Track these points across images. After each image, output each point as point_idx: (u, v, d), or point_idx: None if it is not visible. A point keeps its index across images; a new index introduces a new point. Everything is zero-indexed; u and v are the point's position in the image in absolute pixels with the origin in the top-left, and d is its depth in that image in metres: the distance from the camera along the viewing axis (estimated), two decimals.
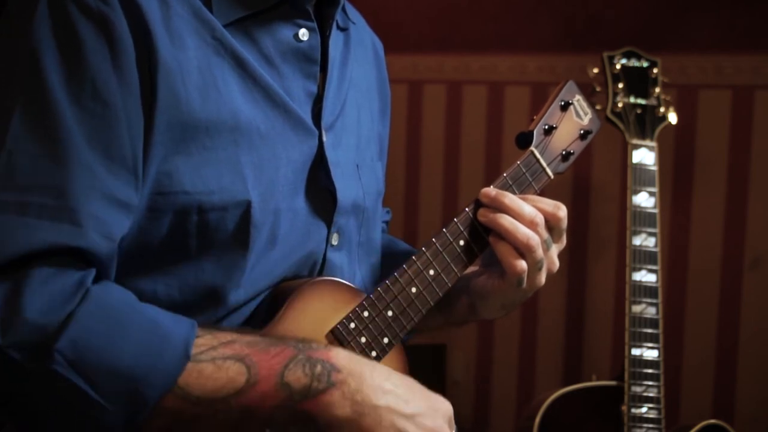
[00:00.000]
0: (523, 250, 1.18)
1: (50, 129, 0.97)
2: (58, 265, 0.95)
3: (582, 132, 1.32)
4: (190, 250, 1.06)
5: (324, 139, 1.17)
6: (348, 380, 1.00)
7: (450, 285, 1.19)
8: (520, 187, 1.24)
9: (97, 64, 0.98)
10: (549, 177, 1.27)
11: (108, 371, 0.93)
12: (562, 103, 1.30)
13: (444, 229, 1.19)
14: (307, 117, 1.16)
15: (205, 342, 0.98)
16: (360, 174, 1.25)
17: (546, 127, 1.28)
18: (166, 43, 1.03)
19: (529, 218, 1.18)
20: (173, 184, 1.03)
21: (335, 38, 1.23)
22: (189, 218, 1.05)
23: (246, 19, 1.11)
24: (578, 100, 1.32)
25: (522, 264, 1.18)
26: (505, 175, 1.23)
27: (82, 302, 0.94)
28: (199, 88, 1.05)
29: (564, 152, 1.29)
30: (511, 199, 1.19)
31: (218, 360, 0.97)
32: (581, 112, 1.32)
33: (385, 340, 1.14)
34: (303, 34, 1.16)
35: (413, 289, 1.16)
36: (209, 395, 0.96)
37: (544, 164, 1.27)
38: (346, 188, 1.19)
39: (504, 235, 1.18)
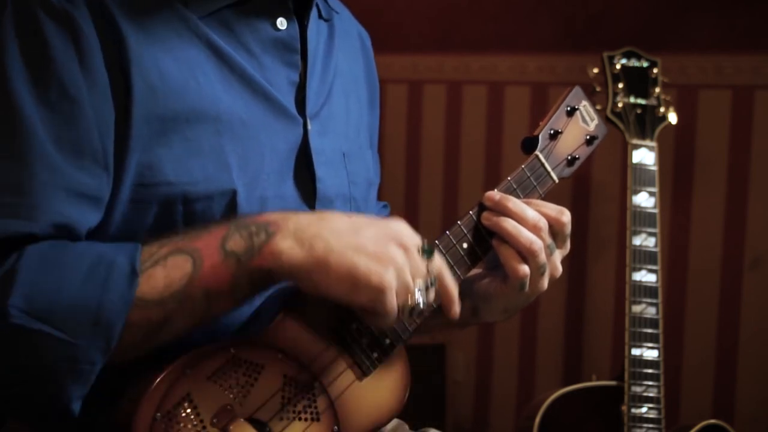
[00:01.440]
0: (526, 255, 1.18)
1: (12, 128, 0.98)
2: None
3: (588, 138, 1.32)
4: None
5: (309, 127, 1.17)
6: (283, 226, 1.02)
7: None
8: (525, 191, 1.24)
9: (64, 63, 1.00)
10: (554, 182, 1.27)
11: (66, 308, 0.95)
12: (568, 109, 1.30)
13: (447, 232, 1.19)
14: (291, 105, 1.17)
15: (148, 251, 1.00)
16: (346, 162, 1.25)
17: (551, 131, 1.28)
18: (139, 38, 1.04)
19: (533, 223, 1.18)
20: (155, 175, 1.05)
21: (318, 28, 1.24)
22: (175, 208, 1.06)
23: (223, 11, 1.12)
24: (585, 106, 1.32)
25: (525, 268, 1.18)
26: (509, 178, 1.23)
27: (20, 258, 0.96)
28: (177, 80, 1.06)
29: (569, 157, 1.29)
30: (514, 203, 1.19)
31: (161, 260, 0.99)
32: (587, 118, 1.32)
33: (387, 341, 1.14)
34: (281, 22, 1.17)
35: None
36: (167, 293, 0.98)
37: (549, 169, 1.27)
38: (329, 177, 1.20)
39: (507, 239, 1.18)
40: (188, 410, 1.01)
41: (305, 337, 1.09)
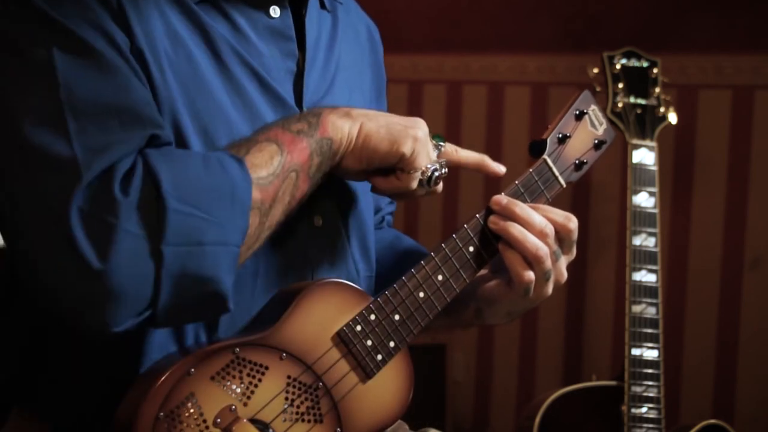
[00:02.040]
0: (531, 260, 1.18)
1: (92, 58, 1.00)
2: None
3: (596, 142, 1.31)
4: None
5: None
6: (321, 110, 1.12)
7: (458, 291, 1.18)
8: (532, 196, 1.23)
9: (104, 19, 1.01)
10: (561, 186, 1.26)
11: (204, 192, 0.99)
12: (577, 113, 1.30)
13: (454, 235, 1.18)
14: (288, 94, 1.17)
15: (237, 146, 1.06)
16: None
17: (560, 135, 1.28)
18: (135, 17, 1.04)
19: (539, 228, 1.18)
20: None
21: (319, 18, 1.24)
22: None
23: None
24: (593, 110, 1.31)
25: (530, 274, 1.18)
26: (516, 182, 1.23)
27: (147, 157, 0.99)
28: (172, 64, 1.06)
29: (577, 161, 1.29)
30: (521, 208, 1.18)
31: (251, 149, 1.05)
32: (596, 122, 1.32)
33: (391, 344, 1.14)
34: (274, 10, 1.17)
35: (421, 294, 1.16)
36: (270, 172, 1.05)
37: (557, 173, 1.26)
38: None
39: (513, 244, 1.18)
40: (191, 410, 1.01)
41: (309, 338, 1.09)
